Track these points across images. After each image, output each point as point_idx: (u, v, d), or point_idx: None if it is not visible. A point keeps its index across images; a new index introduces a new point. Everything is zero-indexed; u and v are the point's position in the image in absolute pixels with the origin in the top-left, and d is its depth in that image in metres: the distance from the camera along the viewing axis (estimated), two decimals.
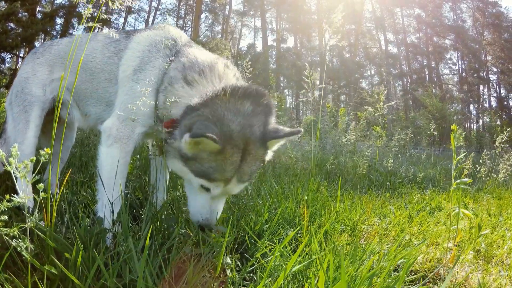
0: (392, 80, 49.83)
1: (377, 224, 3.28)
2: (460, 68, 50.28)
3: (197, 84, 2.28)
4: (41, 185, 1.44)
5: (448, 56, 50.85)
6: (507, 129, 4.97)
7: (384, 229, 3.09)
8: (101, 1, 1.79)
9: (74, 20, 30.33)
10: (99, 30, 1.82)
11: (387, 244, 2.63)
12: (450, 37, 49.30)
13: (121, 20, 40.85)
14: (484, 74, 48.40)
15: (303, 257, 1.94)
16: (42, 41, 31.17)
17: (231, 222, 2.27)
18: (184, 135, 1.99)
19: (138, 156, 3.38)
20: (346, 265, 1.84)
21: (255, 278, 1.92)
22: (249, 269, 1.98)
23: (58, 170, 3.10)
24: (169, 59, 2.40)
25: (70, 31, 30.58)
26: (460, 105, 45.98)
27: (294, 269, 1.79)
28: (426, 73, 50.17)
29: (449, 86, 50.72)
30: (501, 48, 44.76)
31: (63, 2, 30.08)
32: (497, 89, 48.26)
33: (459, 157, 2.21)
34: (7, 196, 1.50)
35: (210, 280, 1.67)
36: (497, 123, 40.95)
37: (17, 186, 2.74)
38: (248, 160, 2.11)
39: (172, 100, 2.24)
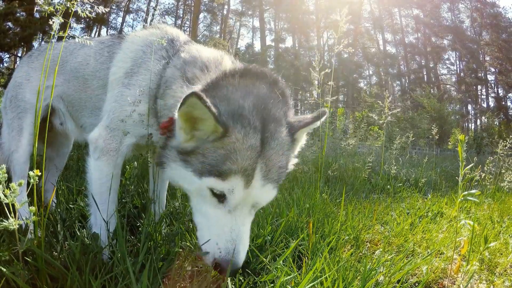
0: (390, 80, 49.96)
1: (380, 231, 3.24)
2: (458, 68, 50.51)
3: (198, 81, 1.93)
4: (32, 208, 1.35)
5: (446, 56, 51.12)
6: (510, 136, 4.92)
7: (387, 237, 3.05)
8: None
9: (72, 20, 30.30)
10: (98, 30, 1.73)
11: (391, 255, 2.59)
12: (448, 37, 49.47)
13: (119, 20, 40.80)
14: (482, 74, 48.58)
15: (309, 273, 1.88)
16: (40, 40, 31.10)
17: None
18: (175, 122, 1.68)
19: (135, 163, 3.32)
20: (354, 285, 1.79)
21: None
22: (251, 284, 1.93)
23: (53, 178, 3.07)
24: (165, 61, 2.13)
25: (68, 31, 30.54)
26: (458, 105, 46.15)
27: None
28: (424, 73, 50.33)
29: (447, 86, 50.93)
30: (499, 49, 44.93)
31: (61, 1, 29.98)
32: (495, 89, 48.47)
33: (466, 168, 2.17)
34: None
35: None
36: (495, 123, 41.10)
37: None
38: (273, 146, 1.65)
39: (171, 103, 1.96)
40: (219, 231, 1.60)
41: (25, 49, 27.65)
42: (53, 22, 1.64)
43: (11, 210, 1.29)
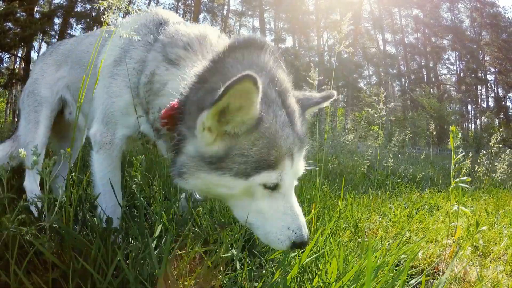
0: (390, 80, 50.03)
1: (378, 222, 3.37)
2: (458, 68, 50.56)
3: (183, 61, 1.81)
4: (60, 184, 1.50)
5: (446, 56, 51.17)
6: (501, 129, 5.07)
7: (385, 226, 3.17)
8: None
9: (72, 20, 30.37)
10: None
11: (388, 241, 2.71)
12: (448, 37, 49.51)
13: (120, 20, 40.80)
14: (482, 74, 48.60)
15: (312, 252, 2.00)
16: (40, 41, 31.14)
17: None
18: (198, 119, 1.42)
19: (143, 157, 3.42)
20: (351, 260, 1.92)
21: (264, 272, 1.98)
22: (257, 265, 2.05)
23: (64, 171, 3.20)
24: (149, 47, 2.00)
25: (68, 31, 30.59)
26: (458, 105, 46.19)
27: (305, 262, 1.82)
28: (424, 73, 50.40)
29: (447, 86, 50.98)
30: (498, 48, 44.95)
31: (61, 1, 30.03)
32: (495, 89, 48.51)
33: (458, 157, 2.29)
34: (24, 196, 1.53)
35: (219, 274, 1.72)
36: (495, 123, 41.17)
37: (26, 185, 2.80)
38: (295, 117, 1.60)
39: (156, 87, 1.85)
40: (285, 216, 1.54)
41: (25, 49, 27.75)
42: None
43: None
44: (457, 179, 2.27)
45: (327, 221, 2.66)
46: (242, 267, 1.77)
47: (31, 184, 2.77)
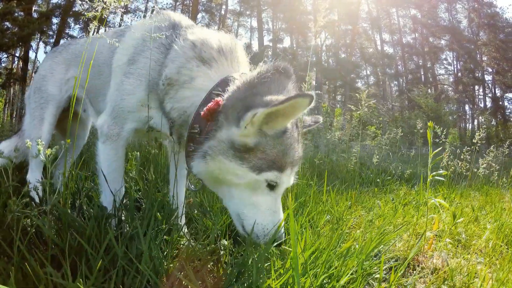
0: (388, 80, 50.10)
1: (363, 216, 3.44)
2: (455, 69, 50.61)
3: (216, 64, 2.02)
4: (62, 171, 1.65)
5: (443, 57, 51.20)
6: (483, 127, 5.18)
7: (369, 220, 3.24)
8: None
9: (71, 20, 30.39)
10: (96, 29, 1.91)
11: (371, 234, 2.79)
12: (446, 37, 49.56)
13: (118, 19, 40.84)
14: (480, 74, 48.68)
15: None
16: (38, 40, 31.19)
17: (225, 212, 2.41)
18: (247, 113, 1.65)
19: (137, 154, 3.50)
20: (323, 247, 2.00)
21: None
22: (241, 252, 2.13)
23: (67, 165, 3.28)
24: (168, 46, 2.13)
25: (67, 31, 30.65)
26: (455, 105, 46.26)
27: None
28: (422, 73, 50.46)
29: (445, 86, 51.02)
30: (496, 49, 45.03)
31: (59, 1, 30.04)
32: (492, 89, 48.59)
33: (435, 151, 2.36)
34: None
35: (205, 257, 1.81)
36: (492, 123, 41.28)
37: (28, 178, 2.89)
38: (300, 135, 1.91)
39: (184, 79, 2.00)
40: (273, 214, 1.82)
41: (23, 49, 27.78)
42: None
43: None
44: (434, 173, 2.35)
45: (306, 214, 2.74)
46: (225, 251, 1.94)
47: (34, 177, 2.86)
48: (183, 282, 1.58)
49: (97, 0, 1.91)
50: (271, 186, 1.78)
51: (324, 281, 1.77)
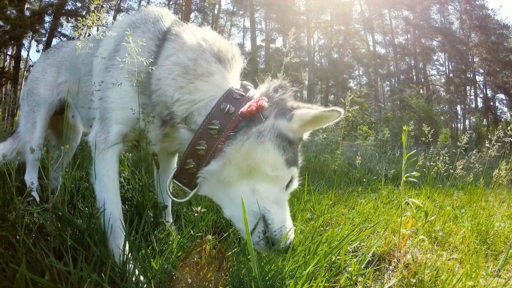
0: (380, 80, 50.36)
1: (345, 214, 3.56)
2: (447, 69, 50.97)
3: (229, 66, 2.09)
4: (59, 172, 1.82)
5: (435, 57, 51.52)
6: (469, 131, 5.30)
7: (351, 218, 3.37)
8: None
9: (63, 19, 30.26)
10: (88, 29, 1.98)
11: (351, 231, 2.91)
12: (438, 38, 49.92)
13: (110, 18, 40.72)
14: (471, 75, 49.08)
15: None
16: (31, 39, 31.01)
17: (212, 209, 2.53)
18: (297, 111, 1.89)
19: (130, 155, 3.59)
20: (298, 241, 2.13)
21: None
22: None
23: (59, 169, 3.39)
24: (156, 41, 2.05)
25: (59, 29, 30.51)
26: (447, 106, 46.60)
27: None
28: (414, 74, 50.76)
29: (436, 86, 51.37)
30: (487, 50, 45.40)
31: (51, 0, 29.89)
32: (484, 90, 49.01)
33: (409, 154, 2.49)
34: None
35: (192, 251, 1.95)
36: (483, 123, 41.64)
37: (26, 178, 3.00)
38: None
39: (201, 71, 1.98)
40: (286, 213, 1.93)
41: (15, 48, 27.63)
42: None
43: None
44: (407, 174, 2.48)
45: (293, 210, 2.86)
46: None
47: (31, 178, 2.96)
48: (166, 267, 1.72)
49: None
50: (288, 184, 1.93)
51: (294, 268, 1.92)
